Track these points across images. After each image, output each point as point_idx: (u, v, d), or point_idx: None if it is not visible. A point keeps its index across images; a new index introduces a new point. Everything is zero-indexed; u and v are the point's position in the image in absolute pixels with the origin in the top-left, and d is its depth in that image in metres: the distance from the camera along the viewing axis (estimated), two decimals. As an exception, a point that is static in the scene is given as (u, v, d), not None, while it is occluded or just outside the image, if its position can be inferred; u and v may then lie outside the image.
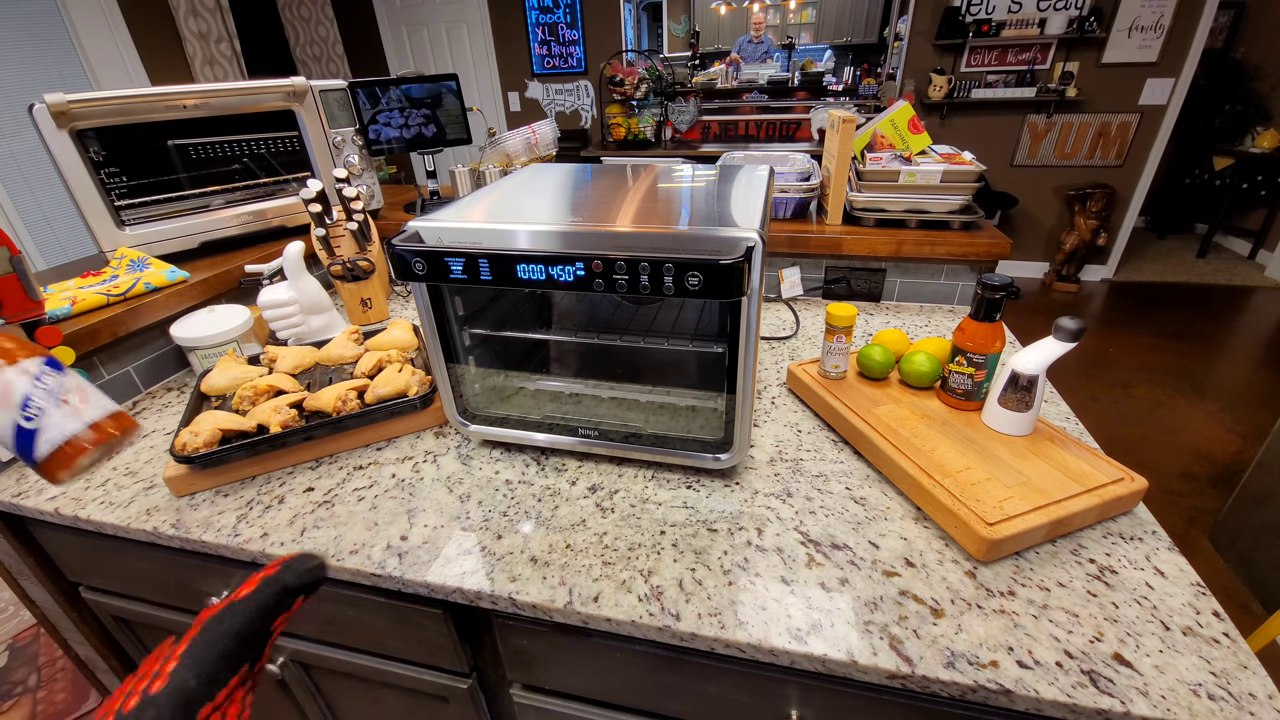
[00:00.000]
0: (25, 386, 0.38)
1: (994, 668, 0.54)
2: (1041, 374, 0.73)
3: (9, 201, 2.54)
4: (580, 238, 0.64)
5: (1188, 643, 0.55)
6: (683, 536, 0.70)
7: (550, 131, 1.59)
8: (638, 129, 4.11)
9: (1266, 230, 4.24)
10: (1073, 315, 0.71)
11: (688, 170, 0.95)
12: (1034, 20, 3.46)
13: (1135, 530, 0.68)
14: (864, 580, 0.63)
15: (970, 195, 1.22)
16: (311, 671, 0.95)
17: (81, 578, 0.97)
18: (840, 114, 1.19)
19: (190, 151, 1.25)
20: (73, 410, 0.39)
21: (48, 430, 0.37)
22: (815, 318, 1.25)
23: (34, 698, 1.59)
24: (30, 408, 0.37)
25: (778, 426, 0.90)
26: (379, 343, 1.02)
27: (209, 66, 3.21)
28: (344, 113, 1.43)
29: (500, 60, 4.46)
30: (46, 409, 0.38)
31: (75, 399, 0.40)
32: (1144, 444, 2.46)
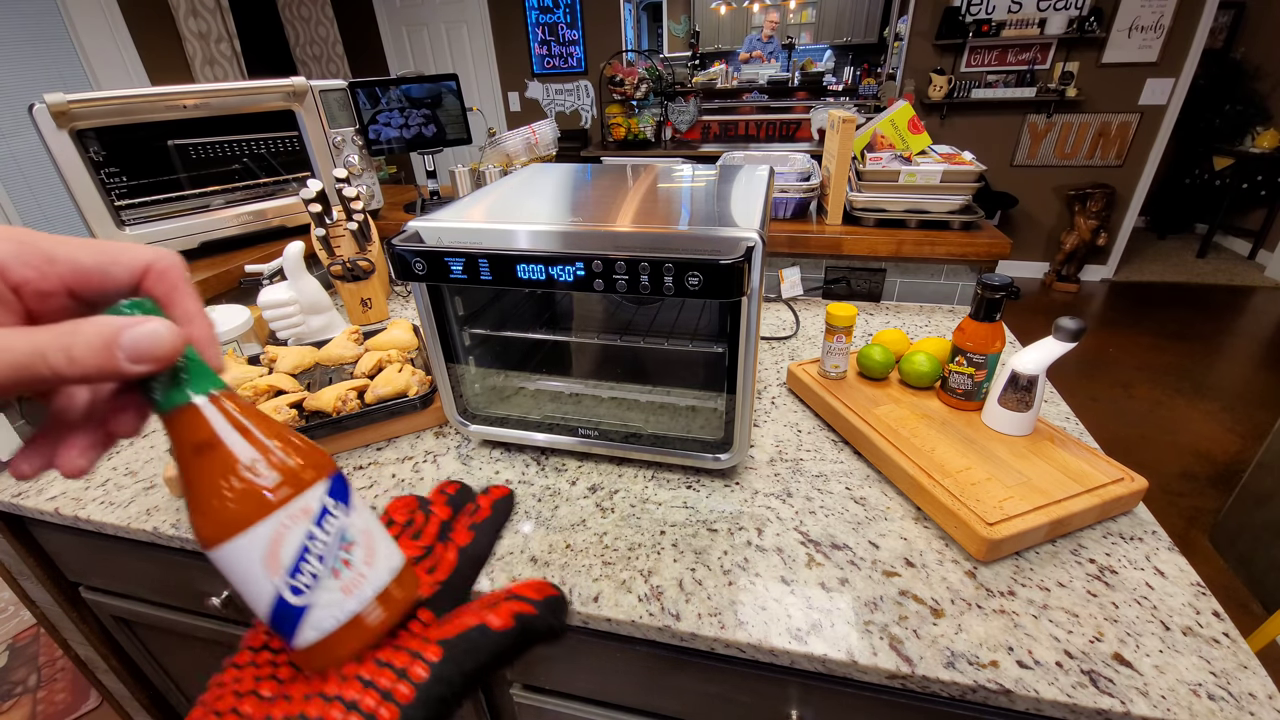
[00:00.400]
0: (300, 537, 0.23)
1: (994, 668, 0.54)
2: (1041, 374, 0.73)
3: (9, 201, 2.54)
4: (580, 238, 0.64)
5: (1188, 643, 0.55)
6: (683, 536, 0.70)
7: (550, 131, 1.59)
8: (638, 129, 4.11)
9: (1266, 230, 4.24)
10: (1073, 315, 0.71)
11: (688, 170, 0.95)
12: (1034, 20, 3.46)
13: (1135, 530, 0.68)
14: (864, 580, 0.63)
15: (970, 195, 1.22)
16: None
17: (81, 578, 0.97)
18: (840, 114, 1.19)
19: (190, 151, 1.25)
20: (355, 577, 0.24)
21: (317, 609, 0.23)
22: (815, 318, 1.25)
23: (34, 698, 1.59)
24: (301, 574, 0.23)
25: (778, 426, 0.90)
26: (379, 343, 1.02)
27: (209, 66, 3.21)
28: (344, 113, 1.43)
29: (500, 60, 4.46)
30: (322, 576, 0.23)
31: (360, 556, 0.24)
32: (1144, 444, 2.46)
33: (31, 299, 0.21)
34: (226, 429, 0.23)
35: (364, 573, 0.24)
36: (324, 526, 0.24)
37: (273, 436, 0.24)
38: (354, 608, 0.24)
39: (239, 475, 0.22)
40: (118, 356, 0.20)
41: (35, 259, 0.21)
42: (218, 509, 0.22)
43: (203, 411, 0.22)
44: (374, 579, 0.25)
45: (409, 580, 0.27)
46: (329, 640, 0.24)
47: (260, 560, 0.22)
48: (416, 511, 0.33)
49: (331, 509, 0.24)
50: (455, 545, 0.30)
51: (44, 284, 0.21)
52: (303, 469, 0.24)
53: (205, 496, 0.22)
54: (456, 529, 0.31)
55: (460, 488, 0.34)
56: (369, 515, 0.26)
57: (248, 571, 0.23)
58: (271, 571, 0.23)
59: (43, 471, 0.24)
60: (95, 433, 0.24)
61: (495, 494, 0.33)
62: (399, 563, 0.26)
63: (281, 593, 0.23)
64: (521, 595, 0.26)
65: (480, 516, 0.32)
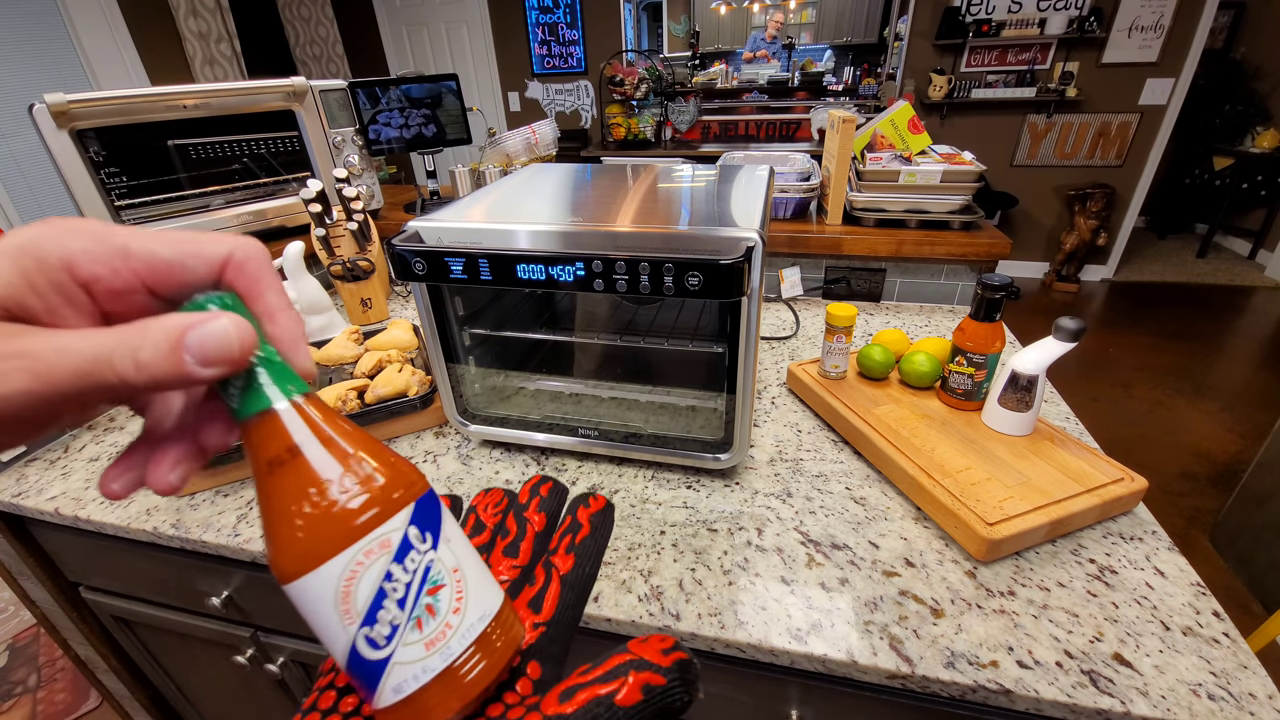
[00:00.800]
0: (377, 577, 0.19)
1: (994, 668, 0.54)
2: (1041, 374, 0.73)
3: (9, 201, 2.54)
4: (580, 238, 0.64)
5: (1188, 643, 0.55)
6: (683, 536, 0.70)
7: (550, 131, 1.59)
8: (638, 129, 4.11)
9: (1266, 230, 4.24)
10: (1073, 315, 0.71)
11: (688, 170, 0.95)
12: (1034, 20, 3.46)
13: (1135, 530, 0.68)
14: (864, 580, 0.63)
15: (970, 195, 1.22)
16: (311, 672, 0.95)
17: (81, 578, 0.97)
18: (840, 114, 1.19)
19: (190, 151, 1.25)
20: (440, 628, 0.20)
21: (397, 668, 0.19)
22: (815, 318, 1.25)
23: (34, 698, 1.59)
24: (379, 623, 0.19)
25: (778, 426, 0.90)
26: (379, 343, 1.02)
27: (209, 66, 3.21)
28: (344, 113, 1.43)
29: (500, 60, 4.46)
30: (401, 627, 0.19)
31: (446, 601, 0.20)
32: (1144, 444, 2.46)
33: (105, 298, 0.19)
34: (301, 442, 0.20)
35: (451, 623, 0.20)
36: (405, 564, 0.20)
37: (354, 451, 0.20)
38: (439, 665, 0.20)
39: (310, 500, 0.19)
40: (185, 360, 0.18)
41: (107, 254, 0.19)
42: (287, 539, 0.19)
43: (278, 421, 0.20)
44: (463, 630, 0.20)
45: (509, 623, 0.22)
46: (413, 703, 0.20)
47: (332, 603, 0.19)
48: (508, 514, 0.29)
49: (415, 542, 0.20)
50: (557, 573, 0.26)
51: (117, 281, 0.19)
52: (384, 491, 0.20)
53: (275, 523, 0.20)
54: (557, 549, 0.27)
55: (553, 487, 0.30)
56: (462, 546, 0.22)
57: (321, 615, 0.20)
58: (345, 618, 0.19)
59: (134, 490, 0.21)
60: (188, 445, 0.21)
61: (594, 505, 0.29)
62: (495, 606, 0.22)
63: (356, 644, 0.19)
64: (648, 661, 0.22)
65: (581, 536, 0.28)
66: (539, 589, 0.26)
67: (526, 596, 0.26)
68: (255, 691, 1.02)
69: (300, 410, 0.20)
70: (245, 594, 0.85)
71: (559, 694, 0.21)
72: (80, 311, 0.19)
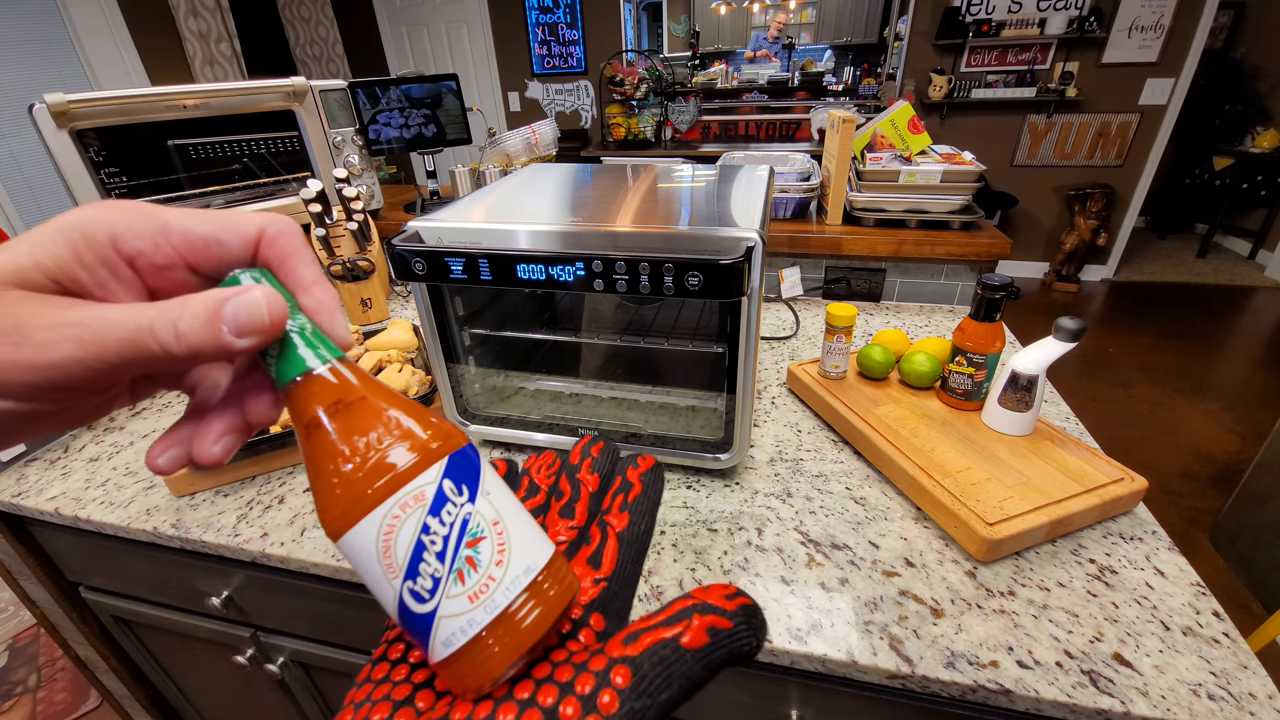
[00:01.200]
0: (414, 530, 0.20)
1: (994, 668, 0.54)
2: (1041, 374, 0.73)
3: (9, 201, 2.54)
4: (580, 238, 0.64)
5: (1188, 643, 0.55)
6: (683, 536, 0.70)
7: (550, 131, 1.59)
8: (638, 129, 4.11)
9: (1266, 230, 4.24)
10: (1073, 315, 0.71)
11: (688, 170, 0.95)
12: (1034, 20, 3.46)
13: (1135, 530, 0.68)
14: (864, 580, 0.63)
15: (970, 195, 1.22)
16: (311, 671, 0.95)
17: (81, 578, 0.97)
18: (840, 114, 1.19)
19: (190, 151, 1.25)
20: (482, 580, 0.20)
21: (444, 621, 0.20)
22: (815, 318, 1.25)
23: (34, 698, 1.59)
24: (420, 576, 0.20)
25: (778, 426, 0.90)
26: (379, 343, 1.02)
27: (209, 66, 3.21)
28: (344, 113, 1.43)
29: (500, 60, 4.46)
30: (443, 580, 0.20)
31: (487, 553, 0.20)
32: (1144, 444, 2.46)
33: (148, 273, 0.21)
34: (335, 404, 0.20)
35: (494, 575, 0.20)
36: (441, 517, 0.20)
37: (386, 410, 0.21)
38: (484, 618, 0.20)
39: (345, 458, 0.20)
40: (222, 330, 0.19)
41: (149, 230, 0.20)
42: (329, 497, 0.20)
43: (312, 386, 0.21)
44: (508, 583, 0.20)
45: (562, 574, 0.22)
46: (465, 656, 0.20)
47: (376, 558, 0.20)
48: (561, 475, 0.30)
49: (451, 495, 0.20)
50: (614, 530, 0.26)
51: (159, 256, 0.20)
52: (416, 448, 0.20)
53: (318, 482, 0.20)
54: (610, 509, 0.27)
55: (604, 448, 0.30)
56: (504, 499, 0.22)
57: (368, 569, 0.20)
58: (389, 572, 0.20)
59: (180, 465, 0.22)
60: (233, 418, 0.22)
61: (644, 465, 0.29)
62: (543, 558, 0.22)
63: (403, 598, 0.20)
64: (712, 605, 0.21)
65: (634, 494, 0.28)
66: (596, 546, 0.26)
67: (585, 554, 0.26)
68: (255, 691, 1.02)
69: (334, 373, 0.21)
70: (245, 594, 0.85)
71: (623, 638, 0.21)
72: (127, 287, 0.20)
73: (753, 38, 4.72)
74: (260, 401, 0.23)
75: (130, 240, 0.20)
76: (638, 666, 0.20)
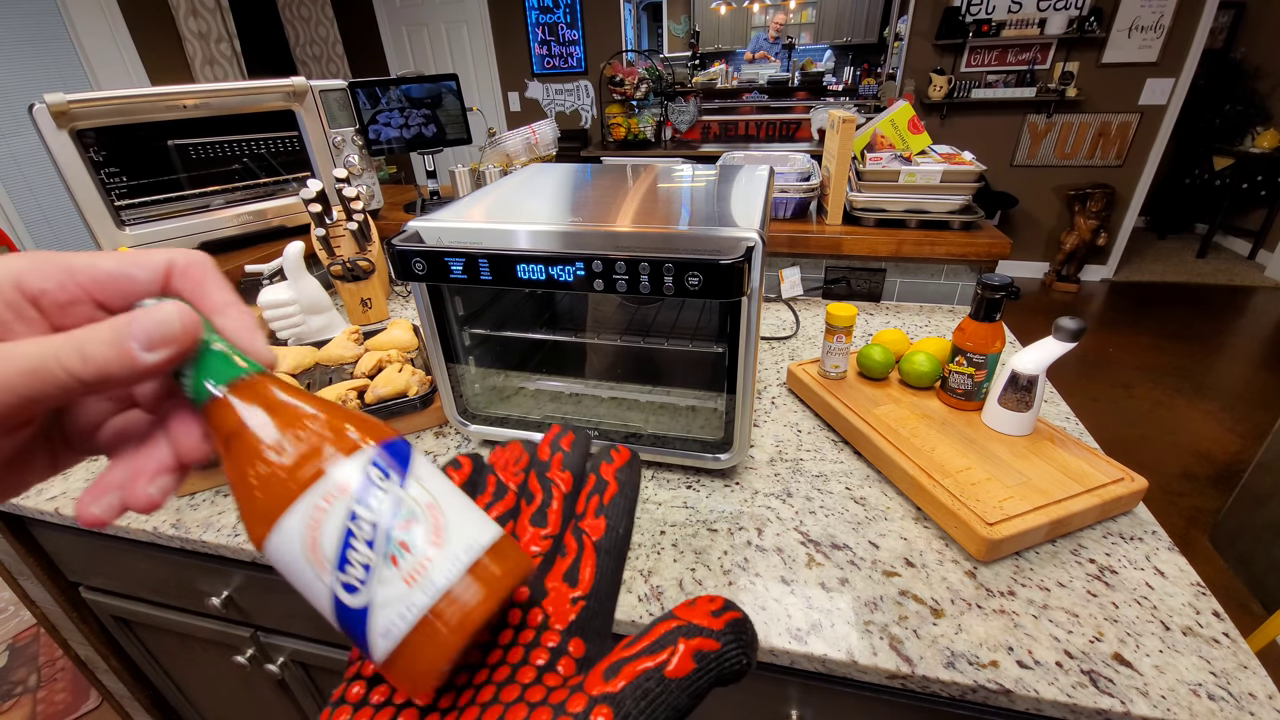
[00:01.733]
0: (341, 519, 0.19)
1: (994, 668, 0.54)
2: (1041, 374, 0.73)
3: (9, 201, 2.54)
4: (580, 238, 0.64)
5: (1188, 643, 0.55)
6: (683, 536, 0.70)
7: (550, 131, 1.59)
8: (638, 129, 4.11)
9: (1266, 230, 4.24)
10: (1073, 315, 0.71)
11: (688, 170, 0.95)
12: (1034, 20, 3.46)
13: (1135, 530, 0.68)
14: (864, 580, 0.63)
15: (970, 195, 1.22)
16: (311, 671, 0.95)
17: (81, 578, 0.97)
18: (840, 114, 1.19)
19: (190, 151, 1.25)
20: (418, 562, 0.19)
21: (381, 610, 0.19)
22: (815, 318, 1.25)
23: (34, 698, 1.59)
24: (351, 565, 0.19)
25: (778, 426, 0.90)
26: (379, 343, 1.02)
27: (209, 66, 3.21)
28: (344, 113, 1.43)
29: (500, 60, 4.46)
30: (375, 565, 0.19)
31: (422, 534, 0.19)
32: (1144, 444, 2.46)
33: (53, 311, 0.20)
34: (252, 413, 0.20)
35: (430, 556, 0.19)
36: (369, 504, 0.19)
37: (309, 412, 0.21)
38: (424, 601, 0.19)
39: (264, 460, 0.20)
40: (131, 347, 0.19)
41: (51, 269, 0.20)
42: (250, 502, 0.20)
43: (230, 397, 0.20)
44: (446, 562, 0.19)
45: (506, 553, 0.21)
46: (408, 646, 0.19)
47: (303, 555, 0.19)
48: (530, 474, 0.28)
49: (378, 482, 0.20)
50: (590, 540, 0.25)
51: (63, 294, 0.20)
52: (337, 441, 0.20)
53: (241, 492, 0.20)
54: (585, 513, 0.26)
55: (575, 439, 0.29)
56: (441, 483, 0.21)
57: (298, 572, 0.19)
58: (318, 567, 0.19)
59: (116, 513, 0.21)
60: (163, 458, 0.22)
61: (618, 460, 0.27)
62: (486, 538, 0.21)
63: (336, 593, 0.19)
64: (698, 625, 0.20)
65: (610, 494, 0.26)
66: (572, 560, 0.24)
67: (561, 568, 0.24)
68: (255, 691, 1.02)
69: (252, 385, 0.21)
70: (245, 594, 0.85)
71: (603, 671, 0.20)
72: (31, 327, 0.20)
73: (753, 38, 4.72)
74: (189, 435, 0.22)
75: (32, 280, 0.20)
76: (619, 705, 0.19)
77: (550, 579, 0.24)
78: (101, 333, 0.19)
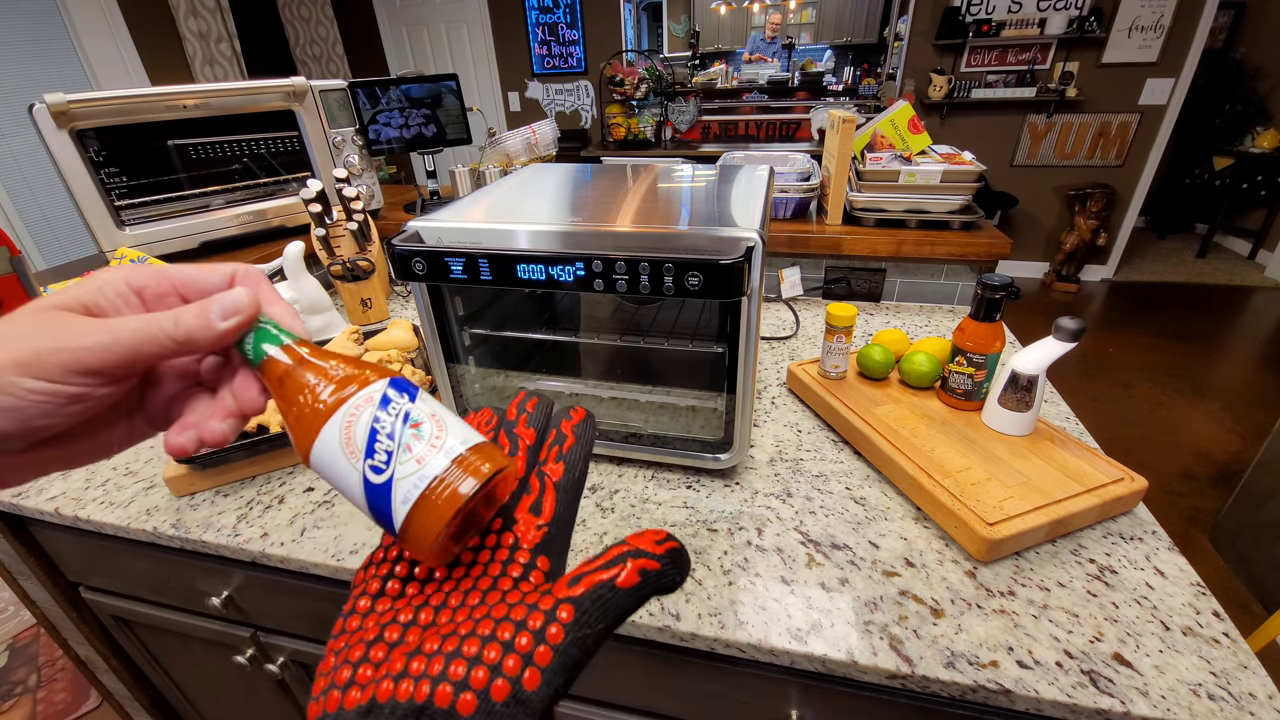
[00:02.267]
0: (368, 420, 0.26)
1: (994, 668, 0.54)
2: (1041, 374, 0.73)
3: (9, 201, 2.54)
4: (580, 238, 0.64)
5: (1188, 643, 0.55)
6: (683, 536, 0.70)
7: (550, 131, 1.59)
8: (638, 129, 4.11)
9: (1266, 230, 4.24)
10: (1073, 315, 0.71)
11: (688, 170, 0.95)
12: (1034, 20, 3.46)
13: (1135, 530, 0.68)
14: (864, 580, 0.63)
15: (970, 195, 1.22)
16: (311, 671, 0.95)
17: (81, 578, 0.97)
18: (840, 114, 1.19)
19: (190, 151, 1.25)
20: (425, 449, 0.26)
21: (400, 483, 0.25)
22: (815, 318, 1.25)
23: (34, 698, 1.59)
24: (376, 453, 0.25)
25: (778, 426, 0.90)
26: (379, 343, 1.02)
27: (209, 66, 3.21)
28: (344, 113, 1.43)
29: (500, 60, 4.46)
30: (395, 452, 0.25)
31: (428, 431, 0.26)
32: (1144, 444, 2.46)
33: (152, 301, 0.28)
34: (299, 361, 0.28)
35: (435, 444, 0.26)
36: (388, 410, 0.26)
37: (337, 360, 0.28)
38: (432, 472, 0.25)
39: (311, 389, 0.27)
40: (211, 315, 0.26)
41: (149, 272, 0.28)
42: (299, 423, 0.27)
43: (281, 354, 0.28)
44: (448, 448, 0.26)
45: (493, 451, 0.27)
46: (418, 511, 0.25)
47: (340, 449, 0.26)
48: (499, 431, 0.33)
49: (393, 396, 0.27)
50: (550, 480, 0.30)
51: (159, 288, 0.28)
52: (361, 374, 0.27)
53: (293, 416, 0.27)
54: (547, 460, 0.32)
55: (539, 402, 0.34)
56: (438, 405, 0.28)
57: (336, 465, 0.26)
58: (351, 456, 0.26)
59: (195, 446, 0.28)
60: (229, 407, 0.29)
61: (576, 417, 0.33)
62: (476, 438, 0.27)
63: (366, 475, 0.26)
64: (643, 550, 0.26)
65: (568, 445, 0.32)
66: (536, 496, 0.30)
67: (526, 503, 0.30)
68: (255, 691, 1.02)
69: (297, 344, 0.28)
70: (245, 594, 0.85)
71: (568, 580, 0.25)
72: (136, 310, 0.27)
73: (750, 40, 4.72)
74: (248, 389, 0.29)
75: (137, 279, 0.27)
76: (580, 604, 0.24)
77: (519, 510, 0.29)
78: (191, 309, 0.26)
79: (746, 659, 0.60)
